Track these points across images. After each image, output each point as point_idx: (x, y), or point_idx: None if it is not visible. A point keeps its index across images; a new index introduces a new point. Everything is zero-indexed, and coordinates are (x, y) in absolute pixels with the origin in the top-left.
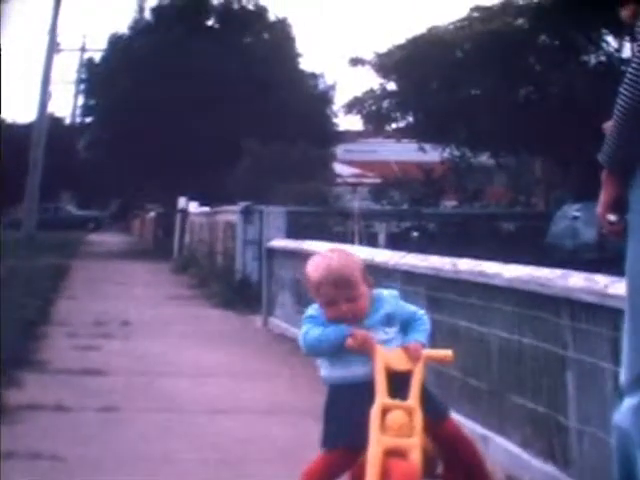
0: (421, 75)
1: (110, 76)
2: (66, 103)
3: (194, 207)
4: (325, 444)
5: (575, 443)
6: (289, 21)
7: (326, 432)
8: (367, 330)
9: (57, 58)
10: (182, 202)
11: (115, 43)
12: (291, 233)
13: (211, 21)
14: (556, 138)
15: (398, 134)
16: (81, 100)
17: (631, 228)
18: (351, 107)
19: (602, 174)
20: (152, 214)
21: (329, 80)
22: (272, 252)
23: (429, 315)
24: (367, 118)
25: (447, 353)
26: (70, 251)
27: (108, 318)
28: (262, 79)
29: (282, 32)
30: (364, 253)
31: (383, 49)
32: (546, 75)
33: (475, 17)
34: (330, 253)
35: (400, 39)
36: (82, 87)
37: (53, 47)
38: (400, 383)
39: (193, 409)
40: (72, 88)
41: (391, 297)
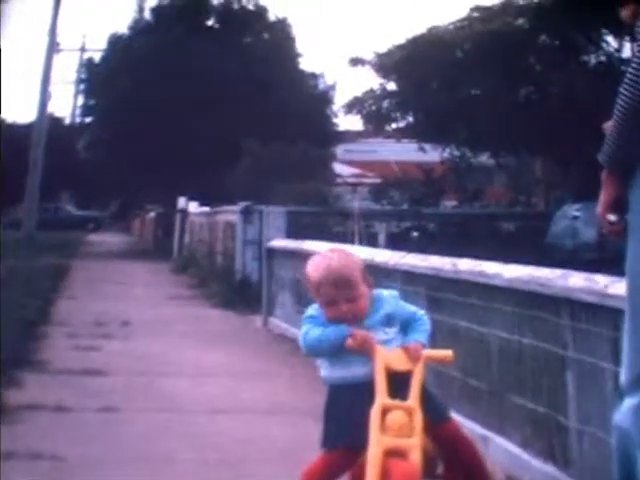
0: (421, 75)
1: (110, 76)
2: (66, 103)
3: (194, 207)
4: (325, 444)
5: (575, 443)
6: (289, 21)
7: (326, 432)
8: (367, 330)
9: (57, 58)
10: (182, 202)
11: (115, 43)
12: (291, 233)
13: (211, 21)
14: (556, 138)
15: (398, 134)
16: (81, 100)
17: (631, 228)
18: (351, 107)
19: (602, 174)
20: (152, 214)
21: (329, 80)
22: (272, 252)
23: (429, 315)
24: (367, 118)
25: (447, 353)
26: (70, 251)
27: (108, 318)
28: (262, 79)
29: (282, 32)
30: (364, 253)
31: (383, 49)
32: (546, 75)
33: (475, 17)
34: (330, 253)
35: (400, 39)
36: (82, 87)
37: (53, 47)
38: (400, 383)
39: (193, 409)
40: (72, 88)
41: (391, 297)
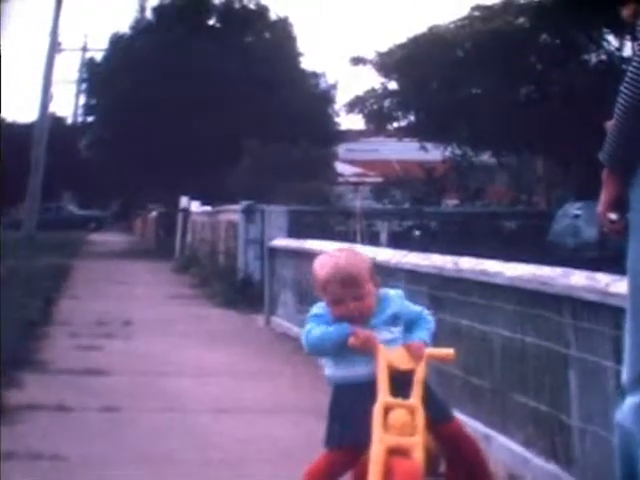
0: (422, 74)
1: (111, 76)
2: (67, 103)
3: (196, 206)
4: (328, 443)
5: (577, 442)
6: (290, 20)
7: (330, 431)
8: (373, 329)
9: (58, 58)
10: (184, 201)
11: (116, 43)
12: (293, 232)
13: (212, 20)
14: (557, 137)
15: (399, 133)
16: (82, 100)
17: (632, 227)
18: (352, 106)
19: (603, 173)
20: (154, 214)
21: (330, 79)
22: (274, 251)
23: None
24: (368, 117)
25: (449, 352)
26: (72, 251)
27: (110, 318)
28: (263, 78)
29: (283, 31)
30: (366, 252)
31: (384, 48)
32: (547, 74)
33: (476, 16)
34: (338, 252)
35: (401, 38)
36: (83, 87)
37: (54, 47)
38: (403, 382)
39: (195, 409)
40: (73, 88)
41: (397, 297)
